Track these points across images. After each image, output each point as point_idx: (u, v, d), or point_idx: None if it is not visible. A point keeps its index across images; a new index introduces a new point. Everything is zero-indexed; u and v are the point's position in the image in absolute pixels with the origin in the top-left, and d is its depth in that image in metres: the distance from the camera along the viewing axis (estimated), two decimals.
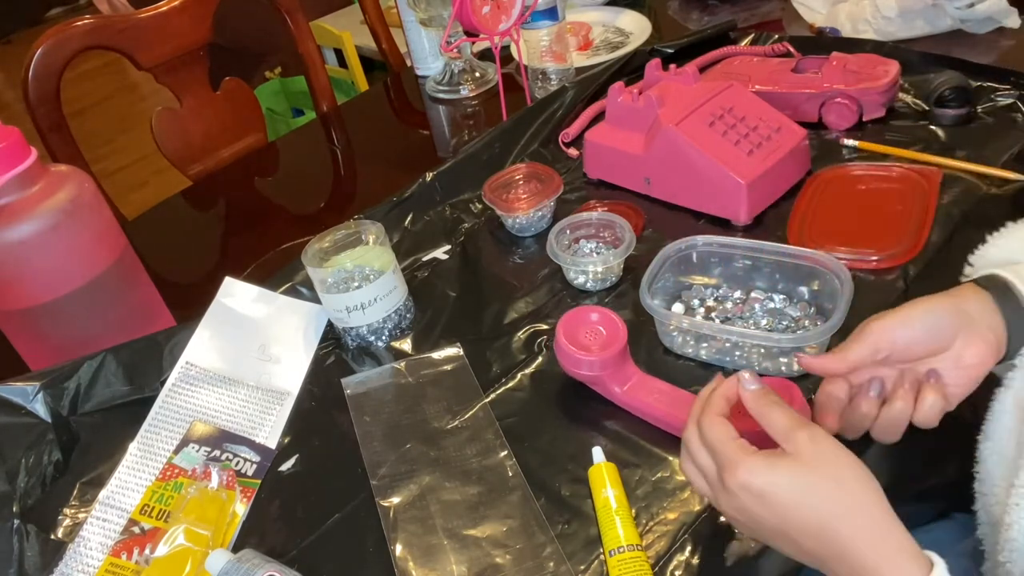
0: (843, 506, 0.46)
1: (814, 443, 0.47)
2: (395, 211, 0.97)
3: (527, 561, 0.59)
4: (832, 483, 0.46)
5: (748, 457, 0.48)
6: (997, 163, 0.85)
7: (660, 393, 0.67)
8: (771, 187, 0.87)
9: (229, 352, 0.80)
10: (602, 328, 0.70)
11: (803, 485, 0.46)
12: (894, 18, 1.11)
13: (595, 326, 0.70)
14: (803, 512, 0.46)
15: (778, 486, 0.47)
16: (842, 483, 0.46)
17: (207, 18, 1.27)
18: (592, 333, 0.69)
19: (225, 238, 1.13)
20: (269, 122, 1.68)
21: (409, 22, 1.32)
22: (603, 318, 0.70)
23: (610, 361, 0.67)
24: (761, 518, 0.48)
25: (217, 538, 0.64)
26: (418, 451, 0.69)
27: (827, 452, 0.47)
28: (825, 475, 0.46)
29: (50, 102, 1.14)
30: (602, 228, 0.85)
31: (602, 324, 0.70)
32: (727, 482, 0.48)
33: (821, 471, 0.47)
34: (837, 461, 0.47)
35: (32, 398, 0.72)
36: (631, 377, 0.68)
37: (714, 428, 0.50)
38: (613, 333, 0.69)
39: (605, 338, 0.69)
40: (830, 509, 0.46)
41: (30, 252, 0.71)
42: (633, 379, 0.68)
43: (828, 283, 0.71)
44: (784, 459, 0.47)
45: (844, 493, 0.46)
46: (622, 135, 0.93)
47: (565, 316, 0.70)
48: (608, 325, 0.70)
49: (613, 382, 0.68)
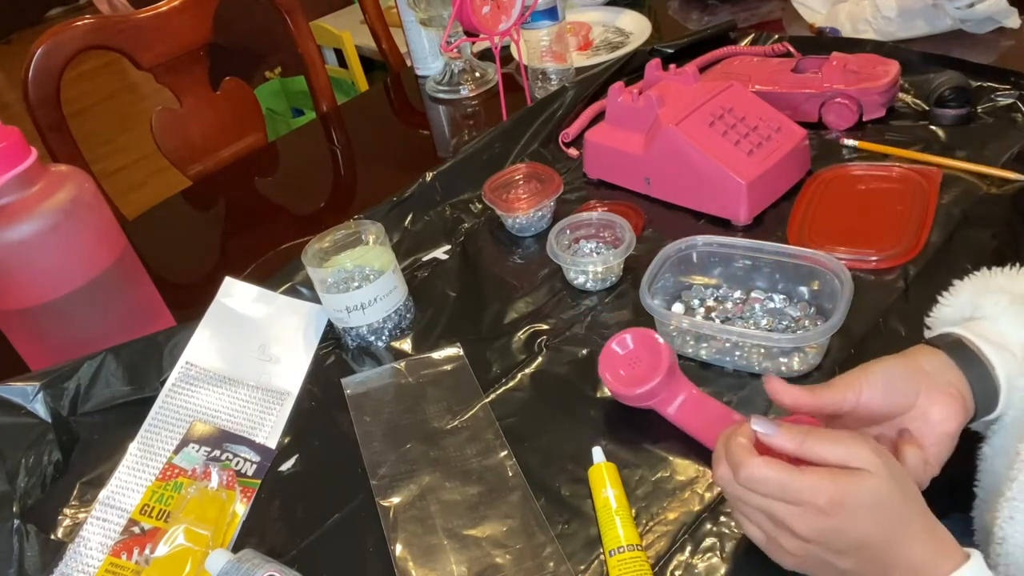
0: (911, 510, 0.46)
1: (879, 455, 0.46)
2: (395, 211, 0.97)
3: (527, 561, 0.59)
4: (902, 489, 0.46)
5: (821, 478, 0.46)
6: (997, 163, 0.85)
7: (709, 415, 0.64)
8: (771, 187, 0.87)
9: (229, 352, 0.80)
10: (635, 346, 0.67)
11: (885, 491, 0.46)
12: (894, 18, 1.11)
13: (629, 353, 0.68)
14: (885, 517, 0.46)
15: (862, 492, 0.45)
16: (907, 488, 0.47)
17: (207, 18, 1.27)
18: (631, 360, 0.67)
19: (225, 238, 1.13)
20: (269, 122, 1.68)
21: (409, 22, 1.32)
22: (637, 340, 0.67)
23: (660, 387, 0.64)
24: (851, 528, 0.46)
25: (217, 538, 0.64)
26: (418, 451, 0.69)
27: (891, 461, 0.47)
28: (896, 481, 0.46)
29: (50, 102, 1.14)
30: (602, 228, 0.85)
31: (638, 347, 0.67)
32: (816, 507, 0.46)
33: (893, 479, 0.46)
34: (900, 468, 0.47)
35: (32, 398, 0.72)
36: (681, 395, 0.65)
37: (763, 469, 0.47)
38: (654, 354, 0.66)
39: (647, 361, 0.66)
40: (904, 514, 0.46)
41: (30, 252, 0.71)
42: (683, 397, 0.65)
43: (828, 283, 0.71)
44: (857, 474, 0.46)
45: (910, 497, 0.47)
46: (622, 135, 0.93)
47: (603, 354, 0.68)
48: (645, 346, 0.67)
49: (664, 406, 0.65)
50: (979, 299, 0.58)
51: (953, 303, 0.61)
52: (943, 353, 0.55)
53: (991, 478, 0.56)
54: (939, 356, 0.55)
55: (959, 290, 0.61)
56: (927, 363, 0.54)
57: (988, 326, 0.56)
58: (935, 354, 0.55)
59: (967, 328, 0.56)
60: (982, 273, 0.61)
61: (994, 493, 0.54)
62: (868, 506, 0.46)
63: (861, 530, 0.46)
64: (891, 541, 0.46)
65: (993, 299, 0.57)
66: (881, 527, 0.46)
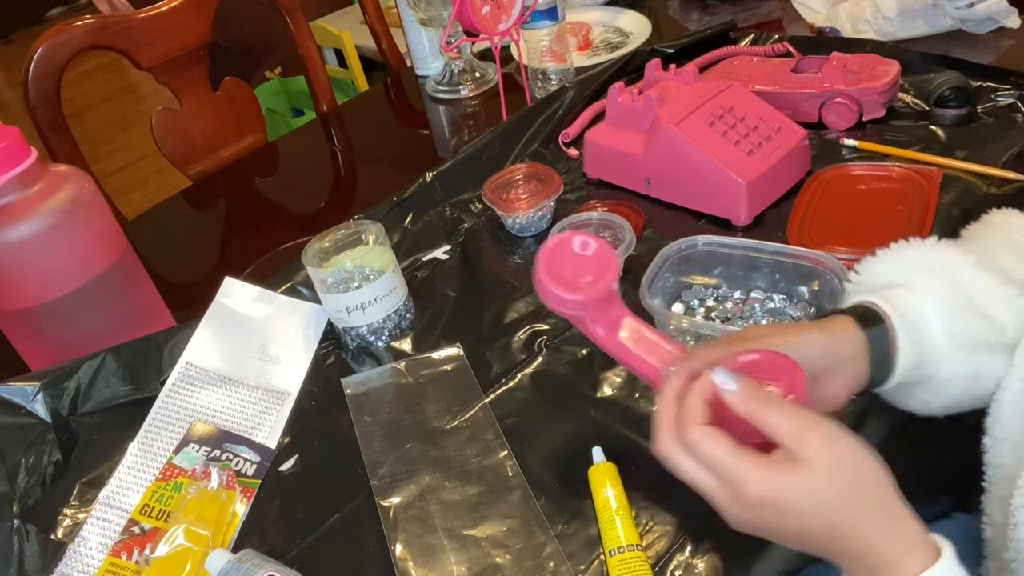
0: (859, 508, 0.45)
1: (829, 447, 0.45)
2: (395, 211, 0.97)
3: (527, 561, 0.59)
4: (851, 487, 0.45)
5: (757, 470, 0.45)
6: (997, 163, 0.85)
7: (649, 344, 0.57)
8: (771, 187, 0.87)
9: (229, 352, 0.80)
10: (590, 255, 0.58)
11: (821, 492, 0.44)
12: (894, 18, 1.11)
13: (583, 256, 0.59)
14: (821, 516, 0.45)
15: (796, 492, 0.44)
16: (862, 485, 0.45)
17: (207, 18, 1.27)
18: (579, 264, 0.58)
19: (225, 238, 1.13)
20: (269, 122, 1.68)
21: (409, 22, 1.32)
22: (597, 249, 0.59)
23: (594, 301, 0.57)
24: (779, 527, 0.46)
25: (217, 538, 0.64)
26: (418, 451, 0.69)
27: (844, 455, 0.45)
28: (843, 479, 0.45)
29: (50, 102, 1.14)
30: (602, 228, 0.85)
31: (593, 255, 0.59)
32: (741, 500, 0.45)
33: (839, 476, 0.45)
34: (854, 463, 0.45)
35: (32, 398, 0.72)
36: (619, 319, 0.58)
37: (705, 442, 0.46)
38: (603, 266, 0.58)
39: (594, 271, 0.58)
40: (848, 513, 0.45)
41: (30, 252, 0.71)
42: (620, 321, 0.58)
43: (828, 283, 0.71)
44: (798, 469, 0.44)
45: (862, 495, 0.45)
46: (622, 135, 0.93)
47: (551, 242, 0.59)
48: (598, 258, 0.58)
49: (596, 323, 0.58)
50: (900, 268, 0.58)
51: (889, 261, 0.60)
52: (865, 339, 0.54)
53: (998, 470, 0.56)
54: (861, 342, 0.54)
55: (897, 251, 0.60)
56: (845, 348, 0.54)
57: (908, 297, 0.56)
58: (858, 338, 0.54)
59: (896, 305, 0.56)
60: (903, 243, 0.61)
61: (1005, 483, 0.54)
62: (795, 512, 0.45)
63: (789, 530, 0.46)
64: (833, 539, 0.45)
65: (911, 270, 0.57)
66: (816, 525, 0.45)
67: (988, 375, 0.56)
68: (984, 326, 0.55)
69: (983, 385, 0.56)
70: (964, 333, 0.55)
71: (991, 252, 0.59)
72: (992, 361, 0.55)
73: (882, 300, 0.56)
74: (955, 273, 0.57)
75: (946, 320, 0.55)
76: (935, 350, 0.55)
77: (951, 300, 0.56)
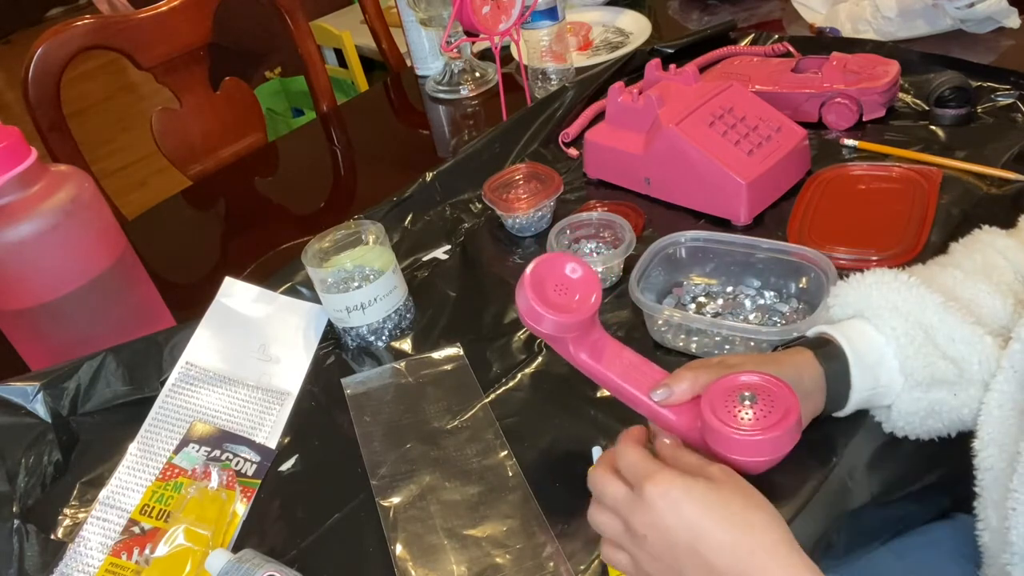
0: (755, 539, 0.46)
1: (727, 473, 0.49)
2: (395, 211, 0.97)
3: (527, 561, 0.59)
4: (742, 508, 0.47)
5: (667, 468, 0.49)
6: (997, 163, 0.85)
7: (629, 367, 0.59)
8: (771, 187, 0.87)
9: (229, 352, 0.80)
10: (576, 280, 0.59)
11: (717, 498, 0.47)
12: (894, 18, 1.11)
13: (569, 280, 0.59)
14: (717, 525, 0.46)
15: (695, 492, 0.47)
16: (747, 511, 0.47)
17: (207, 18, 1.27)
18: (563, 287, 0.58)
19: (225, 238, 1.13)
20: (269, 122, 1.68)
21: (409, 22, 1.32)
22: (583, 273, 0.59)
23: (575, 325, 0.57)
24: (674, 531, 0.47)
25: (217, 538, 0.64)
26: (418, 451, 0.69)
27: (740, 482, 0.48)
28: (737, 494, 0.47)
29: (50, 102, 1.14)
30: (602, 228, 0.85)
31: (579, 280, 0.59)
32: (645, 491, 0.48)
33: (734, 490, 0.48)
34: (749, 491, 0.48)
35: (32, 398, 0.72)
36: (598, 343, 0.59)
37: (628, 452, 0.51)
38: (587, 291, 0.58)
39: (579, 295, 0.58)
40: (742, 535, 0.46)
41: (30, 252, 0.71)
42: (600, 346, 0.60)
43: (816, 279, 0.71)
44: (700, 478, 0.48)
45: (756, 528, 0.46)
46: (622, 135, 0.93)
47: (538, 262, 0.58)
48: (585, 282, 0.59)
49: (579, 348, 0.59)
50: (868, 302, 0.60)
51: (859, 288, 0.61)
52: (823, 374, 0.57)
53: (988, 473, 0.56)
54: (820, 378, 0.57)
55: (864, 278, 0.61)
56: (809, 383, 0.57)
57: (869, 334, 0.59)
58: (818, 374, 0.57)
59: (845, 333, 0.59)
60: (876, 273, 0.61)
61: (997, 487, 0.54)
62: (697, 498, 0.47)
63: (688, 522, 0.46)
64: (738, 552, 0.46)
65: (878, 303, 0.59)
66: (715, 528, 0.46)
67: (944, 412, 0.58)
68: (943, 366, 0.57)
69: (941, 419, 0.58)
70: (921, 373, 0.57)
71: (969, 281, 0.60)
72: (949, 399, 0.57)
73: (841, 335, 0.59)
74: (920, 314, 0.58)
75: (903, 360, 0.58)
76: (889, 387, 0.58)
77: (911, 340, 0.58)
